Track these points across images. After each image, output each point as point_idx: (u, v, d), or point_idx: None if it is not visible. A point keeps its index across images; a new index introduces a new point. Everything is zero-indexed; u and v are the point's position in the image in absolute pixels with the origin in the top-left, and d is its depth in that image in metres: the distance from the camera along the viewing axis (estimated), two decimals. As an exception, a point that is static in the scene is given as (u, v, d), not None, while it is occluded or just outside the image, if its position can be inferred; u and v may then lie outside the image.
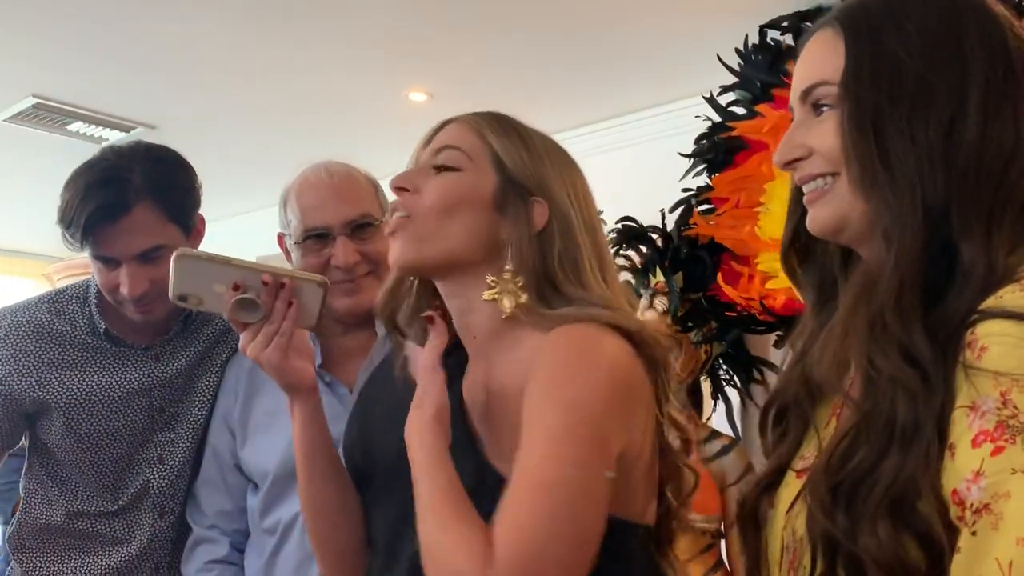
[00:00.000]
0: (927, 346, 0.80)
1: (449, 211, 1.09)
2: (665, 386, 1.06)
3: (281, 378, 1.20)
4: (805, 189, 0.94)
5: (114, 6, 3.05)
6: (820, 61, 0.92)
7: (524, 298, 1.07)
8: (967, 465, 0.74)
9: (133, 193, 1.57)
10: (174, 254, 1.17)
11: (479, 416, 1.10)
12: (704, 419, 2.72)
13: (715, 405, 2.76)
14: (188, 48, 3.39)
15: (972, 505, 0.73)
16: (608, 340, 1.00)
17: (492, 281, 1.09)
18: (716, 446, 2.52)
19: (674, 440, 1.09)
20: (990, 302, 0.77)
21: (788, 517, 0.92)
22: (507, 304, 1.07)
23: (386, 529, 1.16)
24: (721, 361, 2.70)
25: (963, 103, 0.84)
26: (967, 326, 0.78)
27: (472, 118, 1.15)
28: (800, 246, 1.01)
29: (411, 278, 1.20)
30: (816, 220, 0.93)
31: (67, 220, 1.58)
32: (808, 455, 0.95)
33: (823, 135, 0.90)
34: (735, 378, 2.72)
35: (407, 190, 1.12)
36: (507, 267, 1.08)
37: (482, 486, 1.01)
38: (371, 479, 1.22)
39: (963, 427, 0.76)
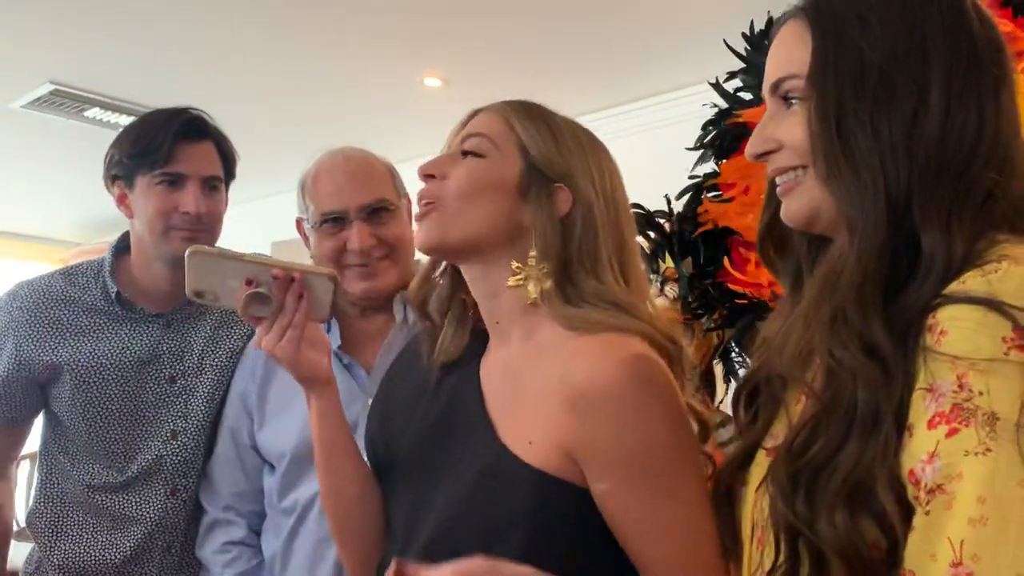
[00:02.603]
0: (887, 338, 0.81)
1: (472, 196, 1.11)
2: (681, 376, 1.09)
3: (295, 371, 1.21)
4: (778, 181, 0.95)
5: (131, -7, 3.08)
6: (788, 54, 0.93)
7: (548, 284, 1.09)
8: (923, 446, 0.76)
9: (207, 128, 1.78)
10: (187, 251, 1.19)
11: (494, 398, 1.13)
12: (716, 403, 2.72)
13: (727, 389, 2.77)
14: (204, 35, 3.41)
15: (926, 485, 0.74)
16: (646, 359, 1.03)
17: (517, 267, 1.11)
18: (730, 430, 2.52)
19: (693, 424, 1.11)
20: (953, 287, 0.79)
21: (757, 495, 0.93)
22: (532, 290, 1.10)
23: (404, 514, 1.17)
24: (734, 344, 2.70)
25: (925, 95, 0.85)
26: (930, 310, 0.79)
27: (501, 106, 1.18)
28: (776, 235, 1.03)
29: (441, 266, 1.23)
30: (789, 211, 0.94)
31: (146, 140, 1.71)
32: (777, 433, 0.96)
33: (792, 129, 0.91)
34: (747, 361, 2.72)
35: (434, 177, 1.15)
36: (532, 253, 1.10)
37: (496, 466, 1.05)
38: (392, 467, 1.23)
39: (921, 409, 0.77)
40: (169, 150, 1.69)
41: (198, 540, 1.75)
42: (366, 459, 1.29)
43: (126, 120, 4.20)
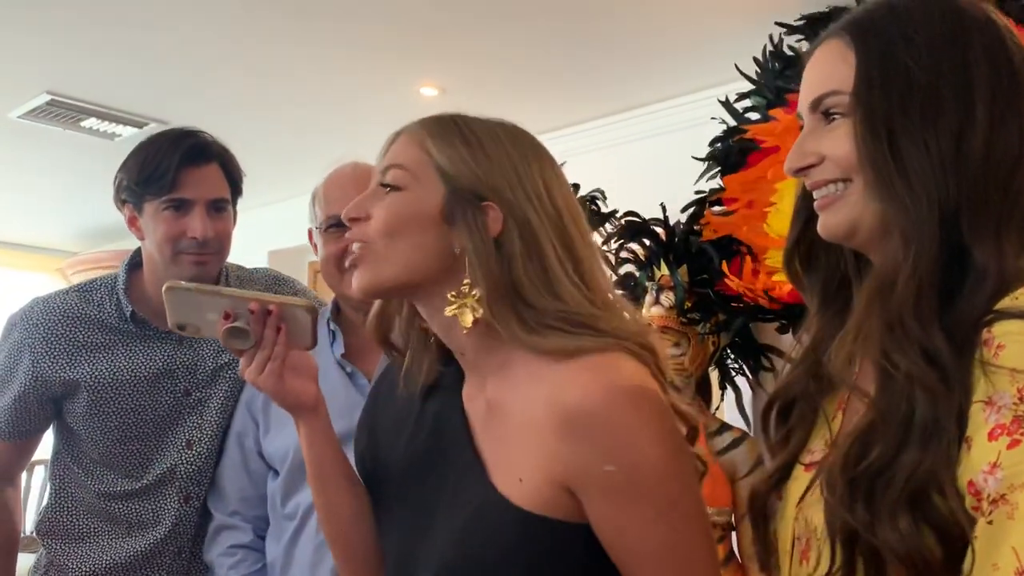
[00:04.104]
0: (946, 346, 0.83)
1: (395, 233, 1.07)
2: (663, 377, 1.05)
3: (280, 400, 1.18)
4: (816, 195, 0.96)
5: (127, 3, 3.09)
6: (830, 71, 0.94)
7: (481, 312, 1.03)
8: (984, 457, 0.77)
9: (211, 151, 1.78)
10: (164, 286, 1.18)
11: (482, 434, 1.09)
12: (713, 409, 2.73)
13: (723, 395, 2.78)
14: (200, 45, 3.42)
15: (989, 496, 0.76)
16: (636, 381, 0.99)
17: (451, 297, 1.05)
18: (727, 439, 2.52)
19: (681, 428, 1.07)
20: (1006, 303, 0.80)
21: (799, 508, 0.94)
22: (468, 319, 1.04)
23: (397, 544, 1.16)
24: (729, 351, 2.71)
25: (970, 112, 0.87)
26: (983, 325, 0.81)
27: (416, 128, 1.12)
28: (804, 250, 1.04)
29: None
30: (828, 225, 0.95)
31: (153, 165, 1.72)
32: (815, 449, 0.97)
33: (835, 142, 0.92)
34: (744, 367, 2.74)
35: (359, 219, 1.10)
36: (465, 280, 1.05)
37: (484, 508, 1.02)
38: (381, 490, 1.21)
39: (980, 421, 0.79)
40: (174, 177, 1.70)
41: (205, 543, 1.78)
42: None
43: (123, 130, 4.21)
